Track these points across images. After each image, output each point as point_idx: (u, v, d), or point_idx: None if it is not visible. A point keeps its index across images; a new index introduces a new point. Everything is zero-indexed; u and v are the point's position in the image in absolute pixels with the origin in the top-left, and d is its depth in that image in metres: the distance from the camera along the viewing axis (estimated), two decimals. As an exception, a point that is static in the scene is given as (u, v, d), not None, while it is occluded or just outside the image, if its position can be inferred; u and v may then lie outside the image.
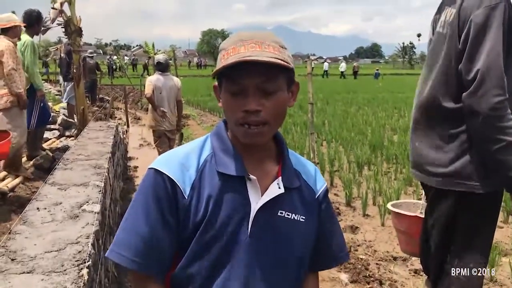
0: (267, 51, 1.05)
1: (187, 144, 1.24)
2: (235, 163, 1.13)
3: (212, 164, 1.15)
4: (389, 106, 15.71)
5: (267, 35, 1.11)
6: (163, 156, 1.19)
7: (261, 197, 1.13)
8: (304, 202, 1.21)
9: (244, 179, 1.13)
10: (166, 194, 1.11)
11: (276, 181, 1.16)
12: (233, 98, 1.09)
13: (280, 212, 1.15)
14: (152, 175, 1.14)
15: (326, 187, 1.29)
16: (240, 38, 1.09)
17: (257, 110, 1.07)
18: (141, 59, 64.10)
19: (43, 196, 2.83)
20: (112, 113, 12.65)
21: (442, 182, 1.97)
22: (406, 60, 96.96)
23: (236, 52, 1.06)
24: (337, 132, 9.75)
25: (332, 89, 24.57)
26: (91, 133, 5.54)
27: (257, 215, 1.12)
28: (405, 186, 5.90)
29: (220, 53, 1.11)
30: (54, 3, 6.77)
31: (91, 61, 14.02)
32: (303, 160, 1.30)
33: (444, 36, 1.95)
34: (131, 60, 50.14)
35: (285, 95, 1.12)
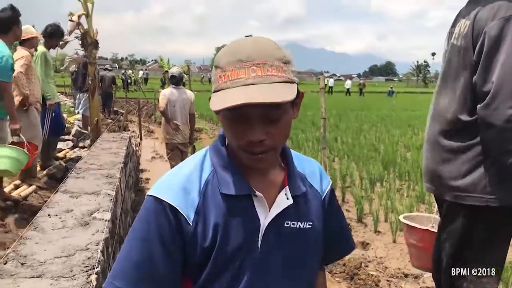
0: (270, 75, 0.96)
1: (186, 163, 1.15)
2: (239, 181, 1.07)
3: (214, 184, 1.08)
4: (403, 123, 15.62)
5: (268, 50, 0.99)
6: (162, 182, 1.10)
7: (268, 211, 1.08)
8: (310, 207, 1.17)
9: (250, 195, 1.08)
10: (168, 223, 1.04)
11: (284, 191, 1.11)
12: (233, 126, 1.01)
13: (286, 223, 1.10)
14: (152, 203, 1.06)
15: (331, 186, 1.25)
16: (238, 58, 0.97)
17: (261, 140, 0.99)
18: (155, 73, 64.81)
19: (55, 203, 2.86)
20: (126, 126, 12.76)
21: (455, 196, 1.95)
22: (420, 78, 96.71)
23: (236, 76, 0.96)
24: (350, 148, 9.71)
25: (345, 105, 24.56)
26: (104, 143, 5.59)
27: (266, 231, 1.08)
28: (418, 203, 5.83)
29: (217, 71, 1.00)
30: (72, 15, 6.91)
31: (108, 74, 14.23)
32: (306, 161, 1.25)
33: (459, 48, 1.93)
34: (145, 75, 50.87)
35: (290, 114, 1.04)
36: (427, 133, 2.18)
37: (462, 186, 1.92)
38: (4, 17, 4.71)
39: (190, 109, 6.27)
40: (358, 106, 25.09)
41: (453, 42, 2.00)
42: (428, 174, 2.14)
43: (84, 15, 6.89)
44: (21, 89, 5.18)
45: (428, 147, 2.14)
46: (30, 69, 5.45)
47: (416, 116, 18.38)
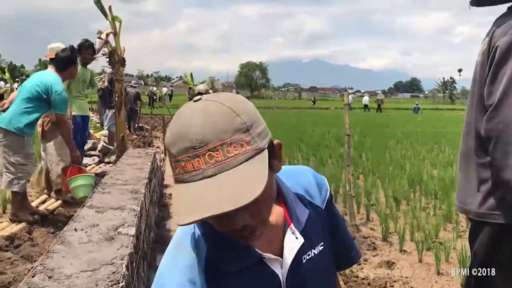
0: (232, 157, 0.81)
1: (178, 245, 1.00)
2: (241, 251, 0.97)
3: (215, 263, 0.97)
4: (429, 140, 15.39)
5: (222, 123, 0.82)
6: (163, 276, 0.96)
7: (282, 259, 1.01)
8: (317, 227, 1.10)
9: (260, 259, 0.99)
10: None
11: (289, 230, 1.02)
12: (211, 219, 0.88)
13: (303, 257, 1.04)
14: None
15: (329, 194, 1.17)
16: (189, 145, 0.81)
17: (243, 226, 0.88)
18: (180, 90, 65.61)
19: (81, 217, 2.90)
20: (151, 142, 12.93)
21: (479, 214, 1.91)
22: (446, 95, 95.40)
23: (192, 168, 0.81)
24: (375, 166, 9.60)
25: (370, 122, 24.36)
26: (130, 159, 5.66)
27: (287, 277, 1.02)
28: (445, 223, 5.71)
29: (170, 158, 0.86)
30: (100, 33, 7.09)
31: (133, 91, 14.48)
32: (299, 174, 1.15)
33: (478, 64, 1.94)
34: (169, 91, 51.69)
35: (269, 184, 0.85)
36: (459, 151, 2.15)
37: (486, 204, 1.88)
38: (63, 57, 5.26)
39: None
40: (383, 122, 24.87)
41: (477, 59, 2.00)
42: (457, 192, 2.11)
43: (112, 33, 7.06)
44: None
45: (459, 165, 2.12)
46: None
47: (442, 133, 18.11)
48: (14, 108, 4.89)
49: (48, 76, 5.05)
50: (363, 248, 4.89)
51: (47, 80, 4.96)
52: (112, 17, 7.05)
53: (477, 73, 1.97)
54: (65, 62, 5.25)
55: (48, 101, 4.94)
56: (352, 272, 4.20)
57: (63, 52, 5.28)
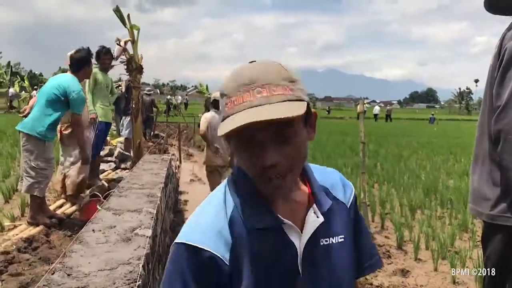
0: (276, 95, 0.93)
1: (209, 202, 1.10)
2: (263, 213, 1.03)
3: (239, 220, 1.02)
4: (445, 150, 15.25)
5: (272, 70, 0.96)
6: (192, 226, 1.04)
7: (301, 233, 1.05)
8: (339, 220, 1.14)
9: (279, 224, 1.04)
10: (205, 270, 0.99)
11: (311, 210, 1.07)
12: (245, 153, 0.97)
13: (321, 241, 1.08)
14: (185, 252, 1.00)
15: (354, 193, 1.21)
16: (242, 82, 0.95)
17: (275, 164, 0.95)
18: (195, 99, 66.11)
19: (99, 219, 2.95)
20: (166, 149, 13.03)
21: (492, 216, 1.90)
22: (463, 105, 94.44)
23: (241, 101, 0.93)
24: (390, 175, 9.54)
25: (385, 132, 24.24)
26: (146, 164, 5.73)
27: (303, 254, 1.05)
28: (460, 232, 5.65)
29: (223, 99, 0.98)
30: (119, 41, 7.22)
31: (147, 98, 14.62)
32: (327, 172, 1.22)
33: (490, 67, 1.96)
34: (185, 100, 52.22)
35: (304, 134, 1.00)
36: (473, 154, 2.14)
37: (499, 206, 1.88)
38: (78, 57, 5.35)
39: None
40: (398, 132, 24.72)
41: (490, 63, 2.02)
42: (471, 195, 2.11)
43: (130, 41, 7.17)
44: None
45: (472, 168, 2.12)
46: None
47: (458, 143, 17.93)
48: (35, 113, 5.00)
49: (64, 78, 5.18)
50: (377, 256, 4.87)
51: (64, 82, 5.08)
52: (131, 25, 7.18)
53: (488, 77, 1.99)
54: (80, 62, 5.34)
55: (66, 102, 5.05)
56: (366, 280, 4.18)
57: (77, 53, 5.37)
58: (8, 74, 40.16)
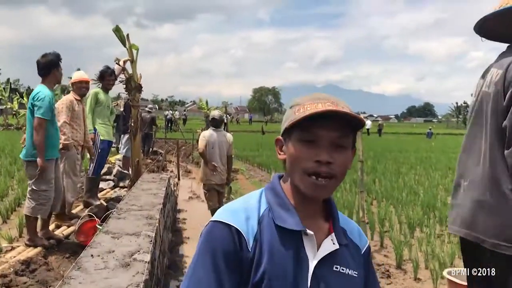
0: (343, 109, 1.11)
1: (243, 197, 1.25)
2: (293, 218, 1.14)
3: (269, 219, 1.15)
4: (443, 166, 15.28)
5: (340, 99, 1.16)
6: (225, 209, 1.18)
7: (316, 252, 1.15)
8: (354, 259, 1.22)
9: (300, 234, 1.14)
10: (234, 246, 1.09)
11: (330, 237, 1.18)
12: (305, 147, 1.12)
13: (336, 267, 1.16)
14: (217, 228, 1.12)
15: (369, 245, 1.31)
16: (316, 97, 1.15)
17: (329, 162, 1.10)
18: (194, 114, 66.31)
19: (97, 244, 2.94)
20: (165, 166, 13.02)
21: (496, 245, 1.90)
22: (460, 120, 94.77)
23: (314, 107, 1.11)
24: (388, 192, 9.55)
25: (383, 147, 24.28)
26: (144, 184, 5.73)
27: (315, 270, 1.13)
28: (459, 251, 5.62)
29: (293, 108, 1.16)
30: (118, 60, 7.26)
31: (148, 116, 14.66)
32: (346, 218, 1.32)
33: (490, 94, 1.97)
34: (183, 115, 52.45)
35: (351, 154, 1.17)
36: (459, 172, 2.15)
37: (501, 235, 1.88)
38: (46, 61, 5.05)
39: (228, 151, 6.39)
40: (396, 147, 24.77)
41: (485, 90, 2.04)
42: (465, 219, 2.09)
43: (129, 60, 7.22)
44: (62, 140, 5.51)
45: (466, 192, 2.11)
46: (75, 114, 5.84)
47: (456, 158, 17.94)
48: (27, 137, 4.98)
49: (34, 91, 5.03)
50: (377, 276, 4.84)
51: (32, 94, 4.97)
52: (130, 45, 7.22)
53: (488, 103, 1.99)
54: (48, 66, 5.04)
55: None
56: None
57: (44, 57, 5.07)
58: (7, 91, 40.22)
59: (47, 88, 4.98)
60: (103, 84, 7.02)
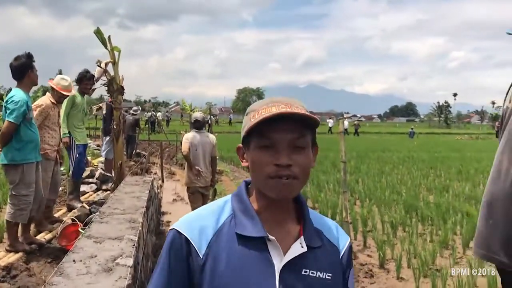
0: (296, 111, 1.11)
1: (209, 205, 1.26)
2: (254, 225, 1.14)
3: (231, 226, 1.16)
4: (425, 165, 15.47)
5: (295, 99, 1.17)
6: (184, 217, 1.22)
7: (283, 257, 1.14)
8: (329, 261, 1.20)
9: (264, 240, 1.14)
10: (181, 253, 1.14)
11: (299, 240, 1.17)
12: (264, 152, 1.12)
13: (304, 271, 1.15)
14: (171, 236, 1.18)
15: (350, 243, 1.29)
16: (270, 100, 1.16)
17: (289, 165, 1.10)
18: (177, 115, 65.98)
19: (80, 248, 2.92)
20: (148, 168, 12.94)
21: None
22: (442, 119, 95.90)
23: (268, 111, 1.11)
24: (371, 191, 9.63)
25: (367, 147, 24.48)
26: (127, 187, 5.69)
27: (282, 276, 1.12)
28: (441, 249, 5.72)
29: (249, 115, 1.17)
30: (100, 63, 7.19)
31: (131, 118, 14.55)
32: (324, 219, 1.31)
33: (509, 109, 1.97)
34: (166, 117, 52.12)
35: (311, 154, 1.17)
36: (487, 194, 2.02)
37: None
38: (18, 65, 4.92)
39: (212, 152, 6.38)
40: (379, 147, 24.98)
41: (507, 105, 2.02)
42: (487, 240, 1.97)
43: (111, 62, 7.16)
44: None
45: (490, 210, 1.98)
46: (48, 118, 5.72)
47: (438, 158, 18.21)
48: None
49: (10, 93, 4.94)
50: (360, 276, 4.89)
51: (8, 96, 4.89)
52: (112, 47, 7.15)
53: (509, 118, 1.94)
54: (22, 68, 4.91)
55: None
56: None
57: (17, 60, 4.94)
58: (-13, 94, 39.59)
59: (22, 92, 4.88)
60: (81, 87, 7.00)
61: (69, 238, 5.00)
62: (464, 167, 14.48)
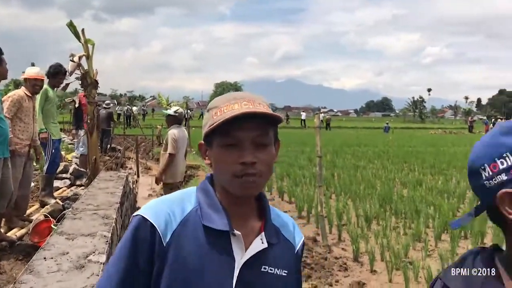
0: (259, 108, 1.12)
1: (174, 193, 1.24)
2: (221, 218, 1.14)
3: (196, 218, 1.15)
4: (399, 159, 15.71)
5: (257, 96, 1.18)
6: (149, 203, 1.19)
7: (245, 252, 1.14)
8: (285, 257, 1.22)
9: (228, 234, 1.14)
10: (145, 239, 1.11)
11: (259, 236, 1.17)
12: (228, 151, 1.12)
13: (264, 267, 1.16)
14: (135, 221, 1.14)
15: (303, 242, 1.31)
16: (232, 97, 1.16)
17: (254, 162, 1.10)
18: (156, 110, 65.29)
19: (51, 245, 2.88)
20: (124, 163, 12.81)
21: None
22: (416, 114, 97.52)
23: (230, 109, 1.11)
24: (346, 185, 9.74)
25: (342, 142, 24.71)
26: (102, 183, 5.63)
27: (241, 271, 1.12)
28: (414, 242, 5.83)
29: (211, 111, 1.15)
30: (73, 56, 7.08)
31: (104, 112, 14.35)
32: (282, 215, 1.32)
33: None
34: (142, 111, 51.58)
35: (273, 150, 1.18)
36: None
37: None
38: None
39: (187, 146, 6.37)
40: (355, 141, 25.24)
41: None
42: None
43: (84, 56, 7.05)
44: None
45: None
46: (20, 110, 5.60)
47: (412, 152, 18.49)
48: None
49: None
50: (334, 269, 4.95)
51: None
52: (85, 40, 7.06)
53: None
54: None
55: None
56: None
57: None
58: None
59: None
60: (54, 82, 6.81)
61: (41, 234, 4.91)
62: (437, 162, 14.75)
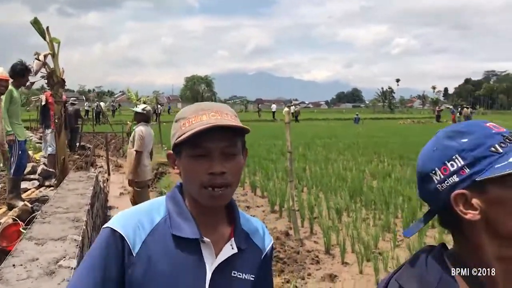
0: (226, 119, 1.15)
1: (143, 204, 1.26)
2: (190, 226, 1.16)
3: (166, 227, 1.16)
4: (369, 151, 15.96)
5: (223, 105, 1.21)
6: (118, 215, 1.20)
7: (215, 259, 1.17)
8: (253, 262, 1.26)
9: (198, 242, 1.16)
10: (115, 250, 1.11)
11: (230, 242, 1.20)
12: (197, 161, 1.14)
13: (233, 272, 1.19)
14: (104, 233, 1.14)
15: (272, 245, 1.35)
16: (200, 108, 1.18)
17: (222, 172, 1.13)
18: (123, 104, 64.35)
19: (20, 252, 2.84)
20: (94, 161, 12.62)
21: None
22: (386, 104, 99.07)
23: (199, 120, 1.14)
24: (318, 178, 9.86)
25: (314, 134, 24.92)
26: (71, 184, 5.55)
27: (213, 277, 1.15)
28: (383, 232, 5.97)
29: (179, 122, 1.18)
30: (38, 55, 6.92)
31: (71, 108, 14.06)
32: (252, 220, 1.35)
33: None
34: (111, 107, 50.73)
35: (242, 159, 1.21)
36: None
37: None
38: None
39: (152, 144, 6.34)
40: (326, 134, 25.51)
41: None
42: None
43: (50, 54, 6.91)
44: None
45: None
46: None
47: (382, 143, 18.80)
48: None
49: None
50: (307, 263, 5.04)
51: None
52: (50, 39, 6.91)
53: None
54: None
55: None
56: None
57: None
58: None
59: None
60: (20, 81, 6.64)
61: (10, 238, 4.82)
62: (405, 152, 15.06)
